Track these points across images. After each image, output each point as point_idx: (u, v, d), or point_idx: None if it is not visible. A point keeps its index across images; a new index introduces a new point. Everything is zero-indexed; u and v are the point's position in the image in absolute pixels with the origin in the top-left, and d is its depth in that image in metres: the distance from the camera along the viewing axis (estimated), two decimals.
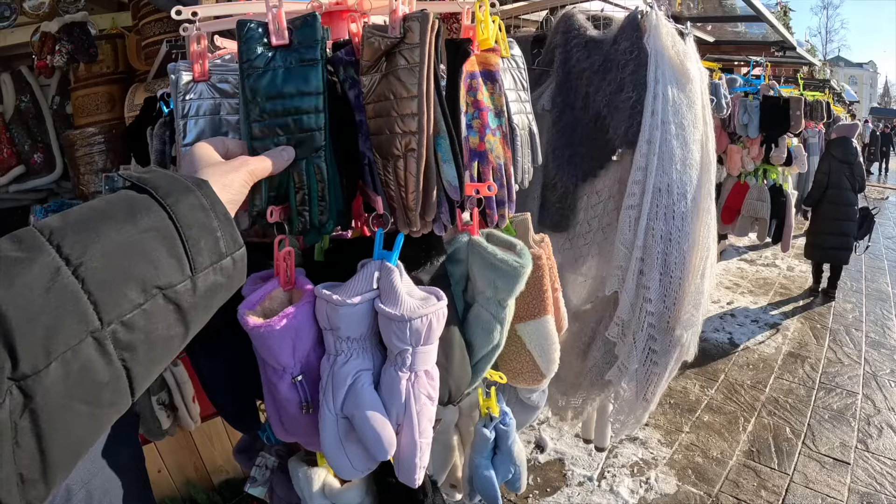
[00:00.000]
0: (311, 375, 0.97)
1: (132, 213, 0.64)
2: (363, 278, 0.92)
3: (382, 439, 0.91)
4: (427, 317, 0.89)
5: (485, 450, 1.32)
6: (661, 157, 2.29)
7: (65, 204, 3.41)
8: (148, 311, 0.61)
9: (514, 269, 1.04)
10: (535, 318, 1.26)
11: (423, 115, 0.85)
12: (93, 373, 0.57)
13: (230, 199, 0.78)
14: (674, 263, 2.38)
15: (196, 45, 1.08)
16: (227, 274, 0.72)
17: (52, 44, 3.44)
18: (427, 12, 0.85)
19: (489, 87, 1.01)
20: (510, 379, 1.31)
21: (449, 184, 0.89)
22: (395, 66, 0.87)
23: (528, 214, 1.29)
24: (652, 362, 2.49)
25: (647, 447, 3.86)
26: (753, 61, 5.87)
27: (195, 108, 1.06)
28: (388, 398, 0.93)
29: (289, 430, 1.03)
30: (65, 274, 0.56)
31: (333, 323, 0.90)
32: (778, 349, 5.33)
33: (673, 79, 2.36)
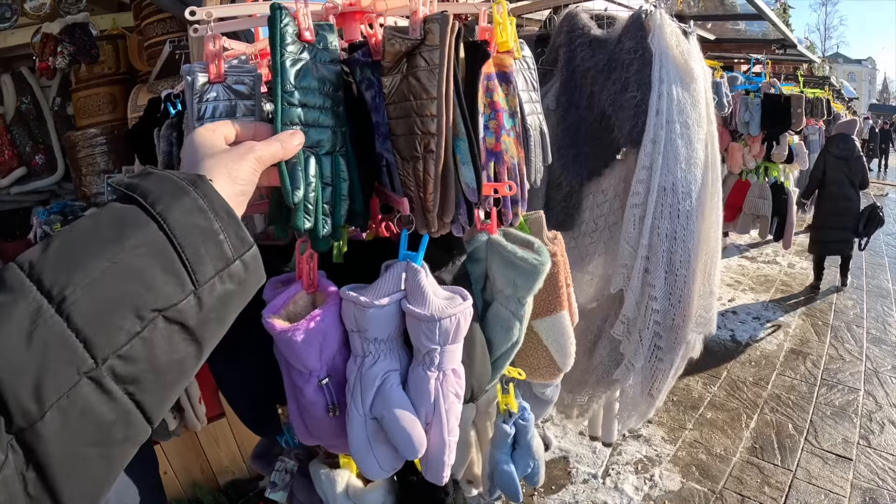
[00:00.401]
0: (336, 378, 0.97)
1: (119, 229, 0.58)
2: (390, 279, 0.93)
3: (413, 439, 0.92)
4: (455, 316, 0.90)
5: (505, 445, 1.34)
6: (666, 157, 2.30)
7: (67, 205, 3.41)
8: (147, 339, 0.56)
9: (534, 266, 1.05)
10: (551, 314, 1.27)
11: (442, 116, 0.85)
12: (95, 414, 0.53)
13: (238, 192, 0.71)
14: (679, 262, 2.39)
15: (211, 46, 1.08)
16: (239, 280, 0.64)
17: (53, 45, 3.44)
18: (447, 14, 0.86)
19: (504, 88, 1.02)
20: (528, 375, 1.32)
21: (467, 186, 0.90)
22: (416, 68, 0.88)
23: (542, 212, 1.30)
24: (657, 359, 2.51)
25: (651, 444, 3.88)
26: (754, 59, 5.89)
27: (211, 110, 1.06)
28: (416, 398, 0.94)
29: (313, 433, 1.04)
30: (47, 313, 0.51)
31: (361, 325, 0.91)
32: (780, 346, 5.35)
33: (677, 78, 2.37)
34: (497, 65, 1.02)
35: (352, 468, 1.27)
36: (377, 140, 0.99)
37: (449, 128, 0.86)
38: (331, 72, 0.91)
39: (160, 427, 2.47)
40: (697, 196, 2.38)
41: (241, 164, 0.72)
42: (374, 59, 0.98)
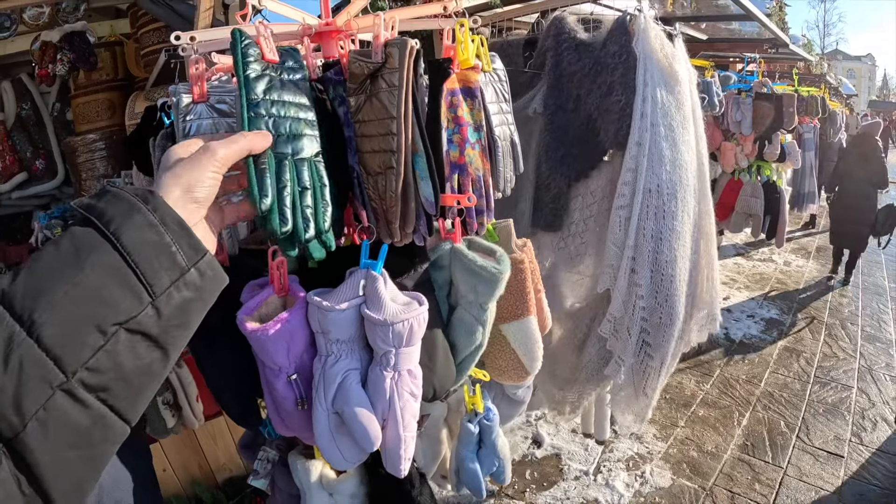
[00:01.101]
0: (305, 374, 1.03)
1: (77, 252, 0.62)
2: (350, 286, 1.00)
3: (369, 432, 0.98)
4: (409, 321, 0.96)
5: (470, 444, 1.40)
6: (651, 159, 2.35)
7: (68, 210, 3.47)
8: (111, 351, 0.60)
9: (493, 274, 1.11)
10: (518, 318, 1.33)
11: (401, 135, 0.91)
12: (71, 422, 0.58)
13: (193, 199, 0.73)
14: (665, 261, 2.44)
15: (195, 69, 1.14)
16: (195, 286, 0.68)
17: (53, 52, 3.49)
18: (406, 39, 0.92)
19: (469, 103, 1.08)
20: (497, 376, 1.38)
21: (426, 199, 0.96)
22: (378, 89, 0.94)
23: (511, 221, 1.35)
24: (647, 355, 2.55)
25: (643, 442, 3.93)
26: (748, 58, 5.91)
27: (195, 128, 1.12)
28: (374, 395, 1.00)
29: (288, 425, 1.10)
30: (20, 338, 0.56)
31: (324, 326, 0.97)
32: (773, 344, 5.39)
33: (661, 81, 2.41)
34: (462, 80, 1.07)
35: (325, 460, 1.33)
36: (349, 153, 1.05)
37: (408, 145, 0.92)
38: (300, 87, 0.95)
39: (159, 425, 2.52)
40: (683, 197, 2.43)
41: (198, 169, 0.74)
42: (344, 78, 1.04)
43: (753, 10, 4.50)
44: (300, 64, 0.97)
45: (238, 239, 1.21)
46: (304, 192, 0.88)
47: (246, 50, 0.91)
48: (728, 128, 5.07)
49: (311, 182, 0.89)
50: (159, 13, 2.86)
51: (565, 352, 2.71)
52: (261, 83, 0.91)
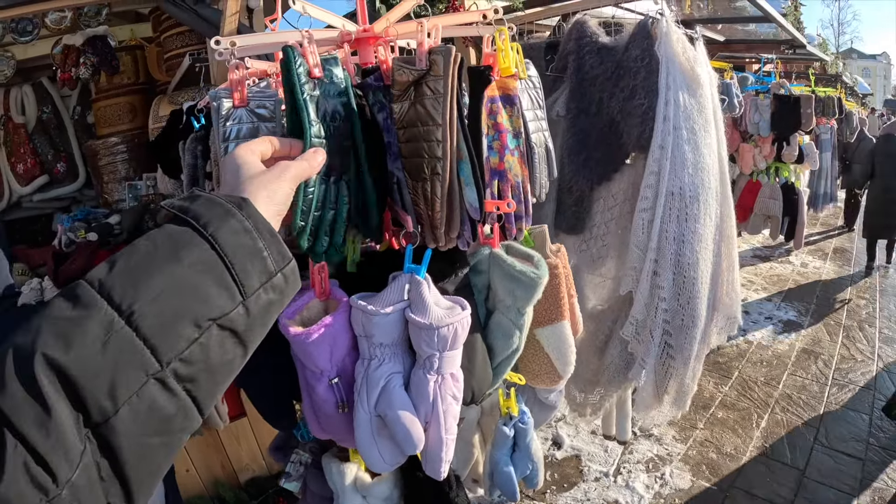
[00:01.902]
0: (346, 378, 1.05)
1: (176, 249, 0.65)
2: (395, 290, 1.01)
3: (412, 435, 0.99)
4: (453, 325, 0.97)
5: (504, 447, 1.41)
6: (674, 162, 2.35)
7: (90, 213, 3.49)
8: (204, 344, 0.63)
9: (532, 279, 1.12)
10: (552, 323, 1.34)
11: (447, 142, 0.92)
12: (160, 409, 0.60)
13: (276, 212, 0.78)
14: (687, 264, 2.44)
15: (235, 74, 1.16)
16: (280, 290, 0.72)
17: (75, 56, 3.53)
18: (450, 47, 0.93)
19: (508, 110, 1.09)
20: (529, 380, 1.39)
21: (470, 205, 0.97)
22: (422, 96, 0.95)
23: (546, 226, 1.36)
24: (669, 357, 2.55)
25: (662, 443, 3.92)
26: (764, 58, 5.89)
27: (235, 133, 1.13)
28: (417, 398, 1.01)
29: (325, 428, 1.11)
30: (119, 325, 0.58)
31: (368, 331, 0.99)
32: (791, 346, 5.36)
33: (684, 84, 2.41)
34: (501, 88, 1.09)
35: (360, 462, 1.33)
36: (389, 159, 1.06)
37: (453, 152, 0.93)
38: (338, 104, 0.97)
39: None
40: (705, 200, 2.43)
41: (279, 184, 0.80)
42: (385, 84, 1.05)
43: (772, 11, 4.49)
44: (342, 76, 0.98)
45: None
46: (328, 212, 0.92)
47: (299, 70, 0.94)
48: (746, 129, 5.06)
49: (339, 202, 0.93)
50: (183, 17, 2.89)
51: (587, 354, 2.71)
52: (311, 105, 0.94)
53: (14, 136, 3.97)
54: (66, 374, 0.55)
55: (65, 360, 0.55)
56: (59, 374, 0.55)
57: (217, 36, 2.59)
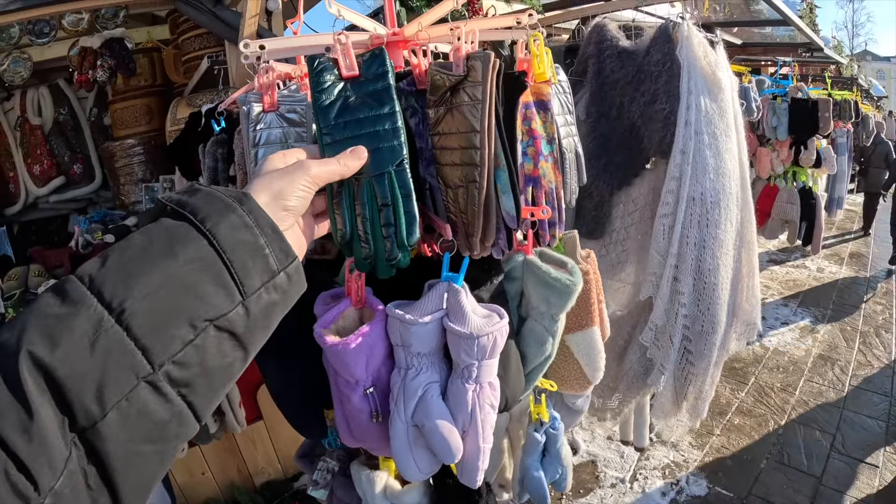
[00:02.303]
0: (380, 387, 1.04)
1: (171, 245, 0.61)
2: (433, 298, 0.99)
3: (451, 445, 0.98)
4: (493, 334, 0.96)
5: (535, 452, 1.40)
6: (695, 167, 2.34)
7: (107, 215, 3.52)
8: (200, 346, 0.60)
9: (567, 286, 1.10)
10: (582, 329, 1.32)
11: (484, 149, 0.90)
12: (152, 414, 0.57)
13: (281, 208, 0.73)
14: (707, 270, 2.42)
15: (265, 78, 1.15)
16: (283, 290, 0.69)
17: (93, 58, 3.54)
18: (489, 53, 0.92)
19: (542, 115, 1.07)
20: (559, 386, 1.37)
21: (507, 213, 0.96)
22: (459, 102, 0.93)
23: (576, 232, 1.35)
24: (689, 363, 2.54)
25: (679, 450, 3.90)
26: (781, 62, 5.86)
27: (265, 137, 1.13)
28: (455, 408, 1.00)
29: (357, 436, 1.10)
30: (108, 324, 0.55)
31: (405, 340, 0.97)
32: (808, 352, 5.32)
33: (705, 89, 2.40)
34: (535, 93, 1.07)
35: (390, 470, 1.33)
36: (421, 164, 1.05)
37: (491, 159, 0.91)
38: (382, 96, 0.93)
39: (202, 431, 2.55)
40: (726, 205, 2.41)
41: (288, 181, 0.75)
42: (417, 88, 1.04)
43: (790, 14, 4.46)
44: (385, 68, 0.95)
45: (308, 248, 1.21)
46: (383, 210, 0.87)
47: (319, 77, 0.92)
48: (763, 133, 5.03)
49: (392, 197, 0.87)
50: (202, 20, 2.89)
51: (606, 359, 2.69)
52: (334, 109, 0.91)
53: (31, 138, 3.99)
54: (52, 374, 0.52)
55: (50, 359, 0.52)
56: (45, 374, 0.52)
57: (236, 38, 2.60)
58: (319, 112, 0.90)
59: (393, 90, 0.94)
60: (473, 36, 0.98)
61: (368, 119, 0.91)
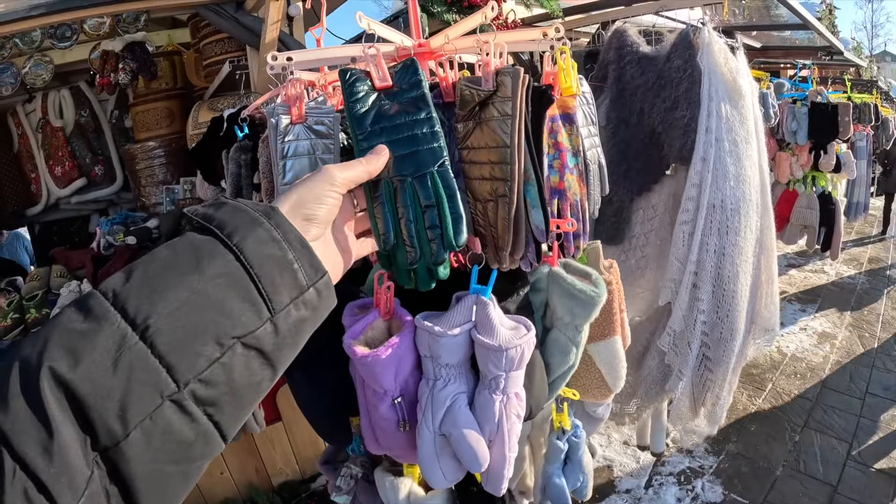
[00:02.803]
0: (408, 397, 1.05)
1: (197, 260, 0.60)
2: (461, 311, 1.01)
3: (478, 454, 0.99)
4: (520, 346, 0.97)
5: (557, 460, 1.41)
6: (715, 174, 2.34)
7: (128, 216, 3.55)
8: (227, 364, 0.58)
9: (592, 298, 1.11)
10: (605, 338, 1.33)
11: (514, 164, 0.92)
12: (176, 434, 0.55)
13: (307, 218, 0.72)
14: (727, 277, 2.42)
15: (293, 90, 1.16)
16: (312, 306, 0.66)
17: (114, 61, 3.58)
18: (518, 68, 0.93)
19: (567, 128, 1.08)
20: (581, 394, 1.38)
21: (536, 227, 0.97)
22: (489, 117, 0.95)
23: (599, 242, 1.36)
24: (707, 369, 2.54)
25: (694, 456, 3.88)
26: (800, 64, 5.82)
27: (293, 149, 1.14)
28: (482, 418, 1.01)
29: (383, 444, 1.12)
30: (132, 342, 0.54)
31: (434, 351, 0.99)
32: (826, 358, 5.28)
33: (726, 96, 2.40)
34: (561, 106, 1.08)
35: (414, 476, 1.34)
36: None
37: (521, 174, 0.92)
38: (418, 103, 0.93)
39: None
40: (746, 212, 2.41)
41: (313, 190, 0.73)
42: (444, 101, 1.05)
43: (810, 19, 4.43)
44: (418, 78, 0.96)
45: None
46: (428, 212, 0.84)
47: (353, 87, 0.93)
48: (783, 137, 5.00)
49: (436, 197, 0.84)
50: (224, 25, 2.92)
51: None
52: (368, 117, 0.91)
53: (52, 140, 4.04)
54: (74, 391, 0.51)
55: (72, 376, 0.51)
56: (66, 391, 0.51)
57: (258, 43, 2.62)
58: (354, 120, 0.90)
59: (428, 97, 0.93)
60: (502, 49, 0.99)
61: (406, 124, 0.90)
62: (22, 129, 4.13)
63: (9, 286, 3.22)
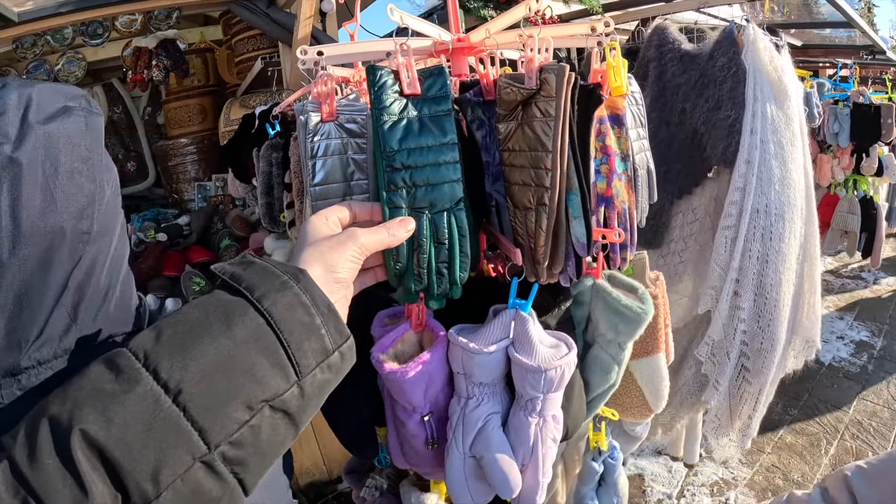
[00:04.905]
0: (438, 413, 0.99)
1: (228, 321, 0.61)
2: (498, 326, 0.94)
3: (510, 480, 0.93)
4: (561, 367, 0.90)
5: (591, 482, 1.33)
6: (760, 177, 2.25)
7: (160, 213, 3.55)
8: (255, 426, 0.60)
9: (638, 315, 1.04)
10: (648, 355, 1.26)
11: (556, 170, 0.84)
12: (205, 493, 0.57)
13: (333, 280, 0.73)
14: (769, 285, 2.33)
15: (323, 87, 1.11)
16: (336, 369, 0.69)
17: (147, 58, 3.59)
18: (564, 66, 0.86)
19: (616, 131, 1.01)
20: (620, 413, 1.31)
21: (577, 240, 0.90)
22: (531, 117, 0.88)
23: (646, 254, 1.28)
24: (745, 381, 2.46)
25: (728, 467, 3.78)
26: (841, 63, 5.65)
27: (323, 149, 1.08)
28: (515, 440, 0.94)
29: (410, 460, 1.06)
30: (165, 404, 0.55)
31: (468, 369, 0.92)
32: (863, 368, 5.11)
33: (771, 96, 2.31)
34: (609, 107, 1.01)
35: (441, 493, 1.29)
36: (487, 180, 1.00)
37: (562, 181, 0.85)
38: (443, 122, 0.90)
39: None
40: (790, 218, 2.31)
41: (340, 252, 0.75)
42: (485, 99, 0.99)
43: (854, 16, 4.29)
44: (446, 90, 0.91)
45: None
46: (440, 248, 0.86)
47: (381, 93, 0.89)
48: (824, 139, 4.84)
49: (449, 235, 0.86)
50: (256, 21, 2.89)
51: None
52: (397, 131, 0.89)
53: None
54: (107, 453, 0.52)
55: (105, 438, 0.52)
56: (99, 453, 0.52)
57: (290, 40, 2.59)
58: (382, 135, 0.88)
59: (452, 114, 0.92)
60: (547, 44, 0.92)
61: (432, 150, 0.89)
62: None
63: None
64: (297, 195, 1.33)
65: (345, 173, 1.06)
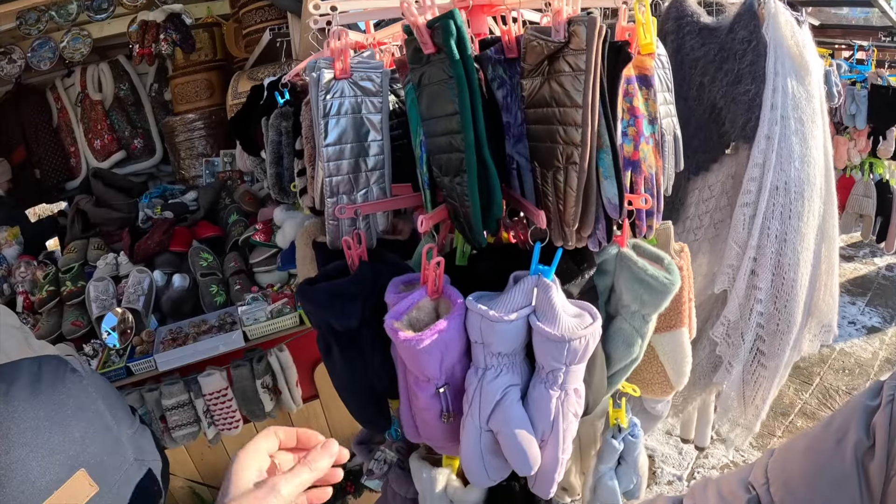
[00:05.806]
0: (454, 385, 0.95)
1: None
2: (520, 293, 0.89)
3: (528, 457, 0.89)
4: (585, 337, 0.85)
5: (611, 460, 1.30)
6: (780, 154, 2.19)
7: (167, 189, 3.51)
8: None
9: (664, 285, 0.99)
10: (670, 329, 1.21)
11: (587, 126, 0.79)
12: None
13: None
14: (787, 264, 2.27)
15: (337, 41, 1.05)
16: None
17: (155, 32, 3.53)
18: (595, 17, 0.81)
19: (644, 92, 0.96)
20: (641, 390, 1.27)
21: (608, 201, 0.85)
22: (559, 72, 0.83)
23: (671, 223, 1.23)
24: (760, 364, 2.41)
25: (738, 450, 3.74)
26: (858, 45, 5.54)
27: (336, 107, 1.03)
28: (535, 415, 0.90)
29: (423, 434, 1.03)
30: None
31: (487, 338, 0.88)
32: (875, 354, 5.06)
33: (792, 71, 2.24)
34: (637, 67, 0.96)
35: (453, 467, 1.25)
36: (508, 142, 0.95)
37: (594, 138, 0.80)
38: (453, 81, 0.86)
39: (257, 408, 2.51)
40: (810, 196, 2.25)
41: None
42: (506, 57, 0.94)
43: None
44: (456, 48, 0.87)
45: (377, 229, 1.11)
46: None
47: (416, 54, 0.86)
48: (841, 121, 4.76)
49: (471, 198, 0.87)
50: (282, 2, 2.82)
51: None
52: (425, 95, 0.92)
53: (91, 113, 4.02)
54: None
55: None
56: None
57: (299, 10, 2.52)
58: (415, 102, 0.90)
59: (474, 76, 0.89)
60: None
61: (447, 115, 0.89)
62: (61, 104, 4.11)
63: (46, 258, 3.21)
64: (308, 161, 1.28)
65: (359, 133, 1.02)
